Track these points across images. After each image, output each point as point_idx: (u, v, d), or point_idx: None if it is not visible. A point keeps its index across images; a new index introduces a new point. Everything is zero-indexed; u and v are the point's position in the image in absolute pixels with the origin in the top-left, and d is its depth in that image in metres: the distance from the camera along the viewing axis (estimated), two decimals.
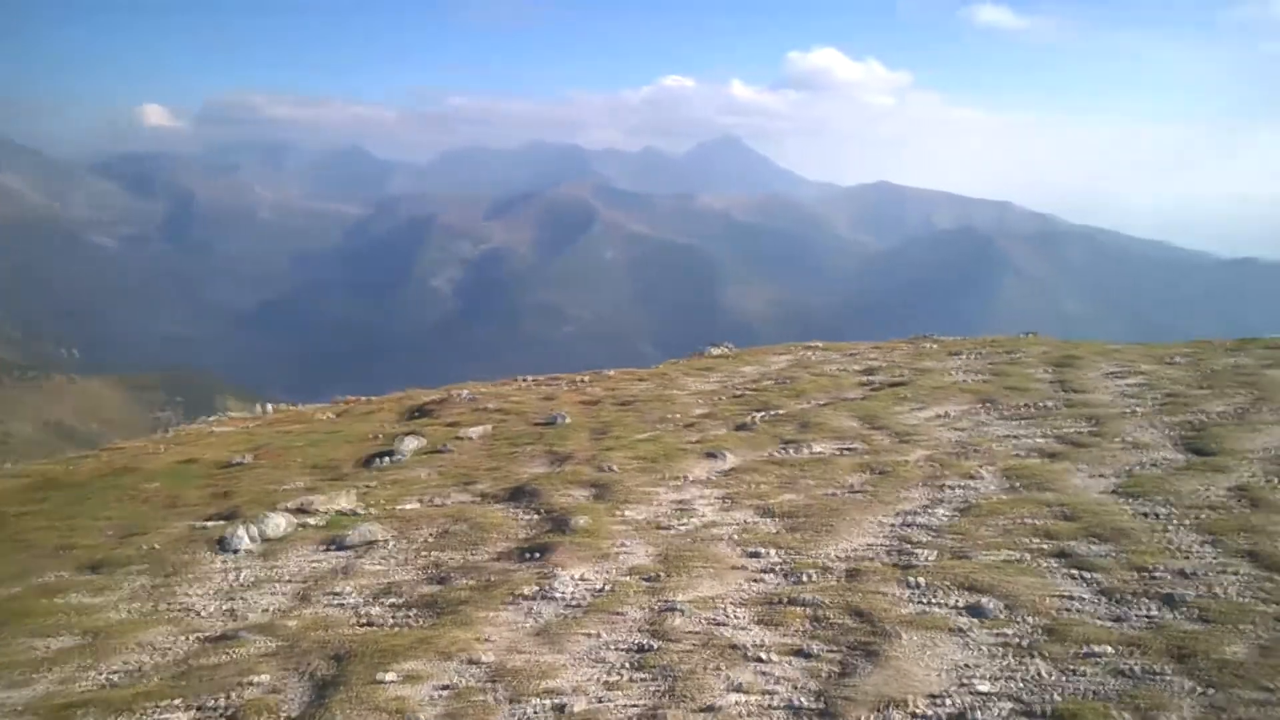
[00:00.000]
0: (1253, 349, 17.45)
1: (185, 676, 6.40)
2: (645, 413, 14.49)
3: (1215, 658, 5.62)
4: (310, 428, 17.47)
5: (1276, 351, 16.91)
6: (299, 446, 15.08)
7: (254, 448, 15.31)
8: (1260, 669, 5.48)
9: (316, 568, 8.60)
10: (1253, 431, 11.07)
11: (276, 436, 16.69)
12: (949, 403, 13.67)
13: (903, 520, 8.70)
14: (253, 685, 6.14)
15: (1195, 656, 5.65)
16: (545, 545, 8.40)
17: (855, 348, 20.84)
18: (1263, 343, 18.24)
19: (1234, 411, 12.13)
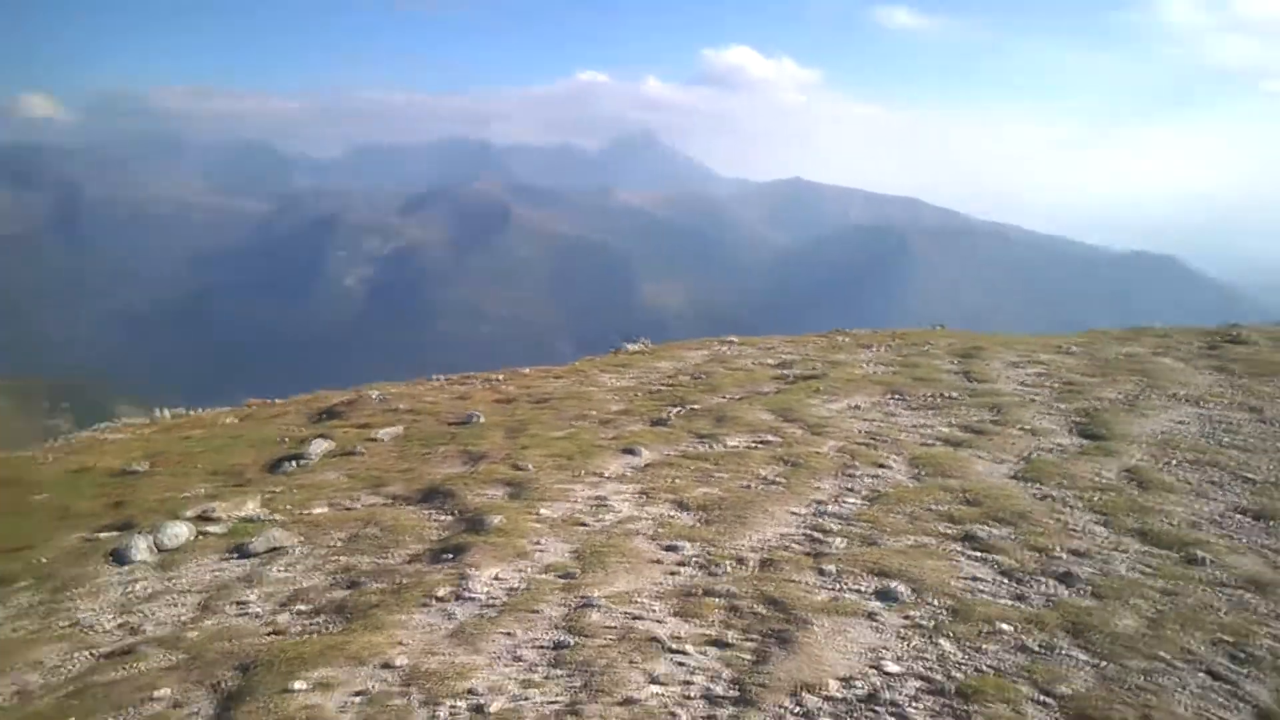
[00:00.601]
0: (1143, 338, 18.48)
1: (80, 695, 6.08)
2: (561, 410, 14.40)
3: (1108, 631, 5.92)
4: (212, 433, 16.75)
5: (1165, 340, 17.95)
6: (200, 452, 14.45)
7: (151, 455, 14.61)
8: (1148, 640, 5.80)
9: (219, 577, 8.25)
10: (1141, 417, 11.74)
11: (175, 443, 15.96)
12: (860, 394, 14.01)
13: (815, 510, 8.87)
14: (153, 701, 5.88)
15: (1089, 631, 5.94)
16: (460, 546, 8.26)
17: (770, 342, 21.16)
18: (1152, 332, 19.33)
19: (1124, 398, 12.85)
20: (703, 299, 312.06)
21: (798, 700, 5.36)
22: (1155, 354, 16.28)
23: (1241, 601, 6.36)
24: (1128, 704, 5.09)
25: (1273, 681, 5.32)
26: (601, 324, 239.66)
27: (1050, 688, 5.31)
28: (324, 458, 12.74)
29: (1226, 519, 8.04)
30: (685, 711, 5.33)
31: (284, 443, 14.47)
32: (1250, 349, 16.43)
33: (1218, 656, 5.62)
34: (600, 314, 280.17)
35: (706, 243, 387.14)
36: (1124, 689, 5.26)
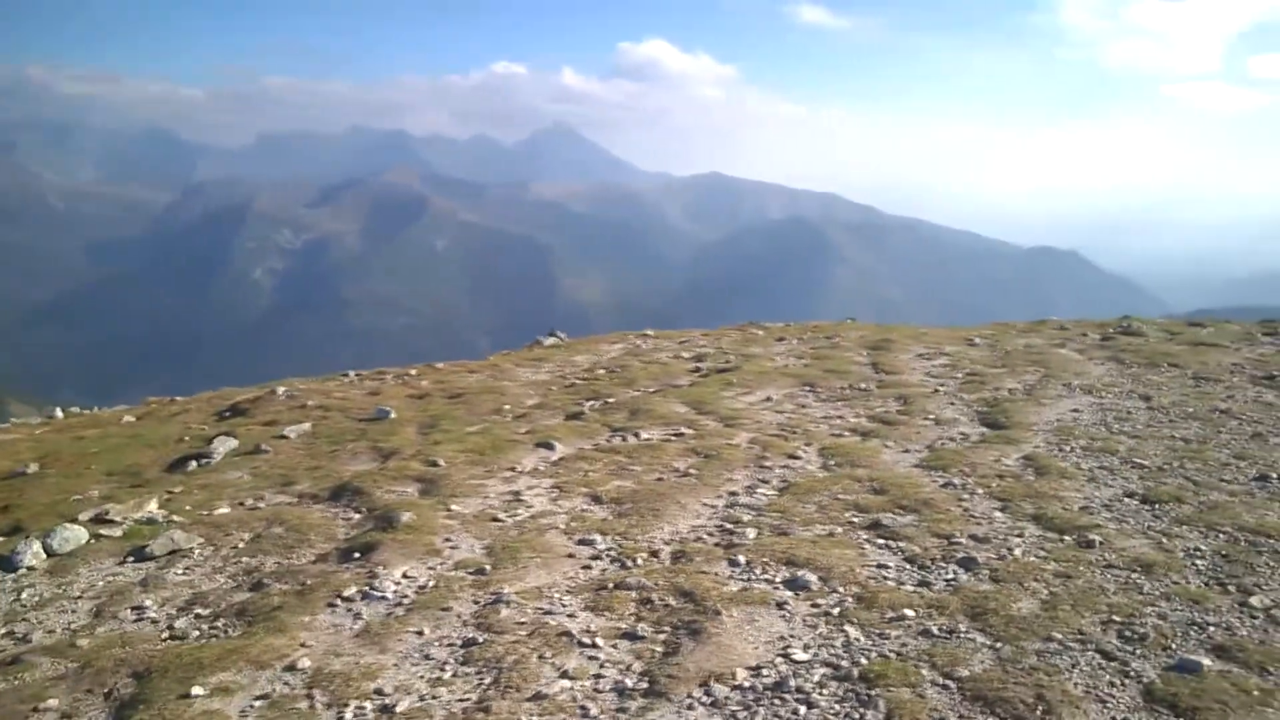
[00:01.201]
0: (1044, 330, 19.30)
1: None
2: (476, 405, 14.18)
3: (1005, 614, 6.12)
4: (109, 432, 15.92)
5: (1064, 332, 18.79)
6: (96, 452, 13.72)
7: (43, 455, 13.81)
8: (1043, 621, 6.03)
9: (115, 581, 7.84)
10: (1040, 405, 12.25)
11: (70, 443, 15.11)
12: (773, 387, 14.21)
13: (728, 501, 8.95)
14: (41, 712, 5.58)
15: (988, 614, 6.13)
16: (369, 544, 8.04)
17: (686, 335, 21.30)
18: (1052, 324, 20.22)
19: (1025, 388, 13.38)
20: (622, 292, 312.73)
21: (707, 690, 5.39)
22: (1054, 345, 17.00)
23: (1130, 582, 6.66)
24: (1023, 684, 5.27)
25: (1158, 659, 5.58)
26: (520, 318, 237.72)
27: (951, 670, 5.47)
28: (228, 456, 12.27)
29: (1118, 503, 8.39)
30: (595, 705, 5.31)
31: (186, 441, 13.89)
32: (1142, 340, 17.31)
33: (1108, 636, 5.86)
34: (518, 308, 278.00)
35: (626, 236, 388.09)
36: (1020, 670, 5.44)
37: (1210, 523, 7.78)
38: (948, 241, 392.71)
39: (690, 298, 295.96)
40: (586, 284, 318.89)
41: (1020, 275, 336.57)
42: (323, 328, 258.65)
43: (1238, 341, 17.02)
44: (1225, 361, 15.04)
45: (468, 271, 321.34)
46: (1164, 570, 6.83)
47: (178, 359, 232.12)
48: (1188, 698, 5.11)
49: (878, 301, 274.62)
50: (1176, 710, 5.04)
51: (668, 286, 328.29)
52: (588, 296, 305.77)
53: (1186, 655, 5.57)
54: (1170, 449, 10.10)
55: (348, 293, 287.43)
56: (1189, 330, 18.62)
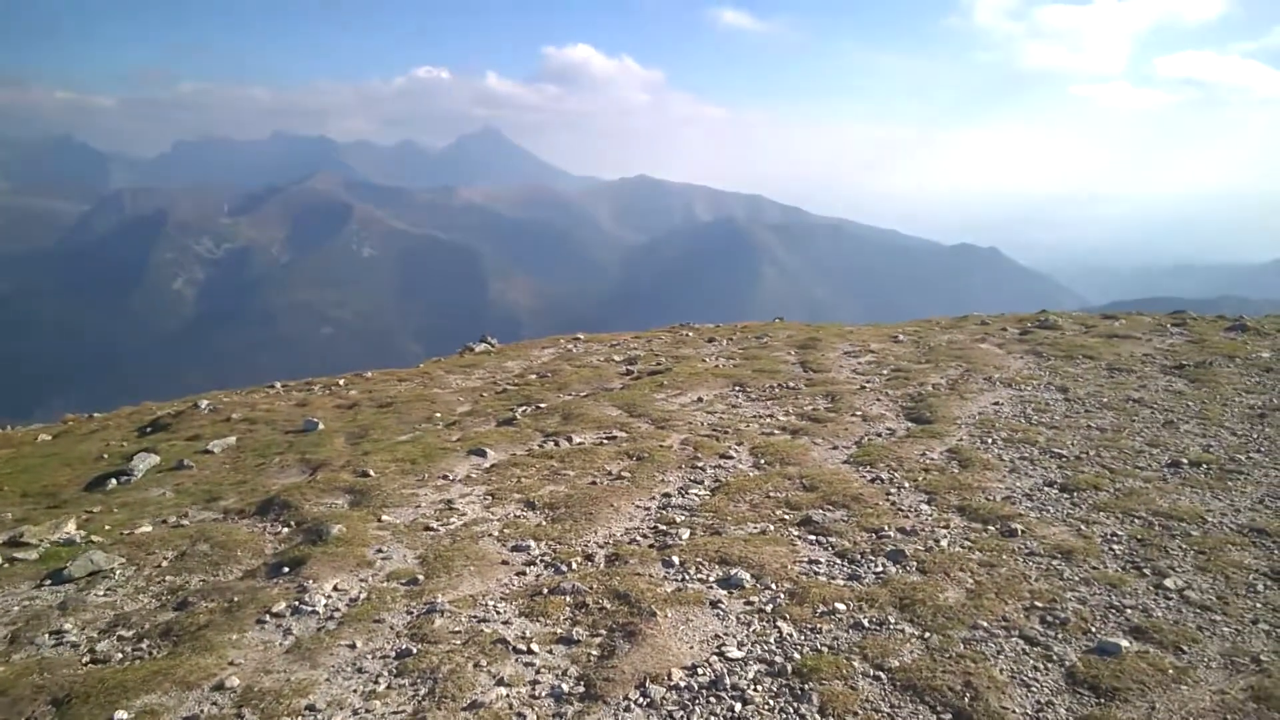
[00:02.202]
0: (966, 325, 19.84)
1: None
2: (406, 414, 13.97)
3: (933, 604, 6.29)
4: (22, 452, 15.24)
5: (985, 327, 19.34)
6: (8, 474, 13.14)
7: None
8: (969, 610, 6.22)
9: (31, 606, 7.50)
10: (963, 400, 12.59)
11: None
12: (704, 388, 14.32)
13: (661, 503, 8.99)
14: None
15: (917, 605, 6.30)
16: (298, 558, 7.85)
17: (618, 338, 21.33)
18: (974, 319, 20.80)
19: (948, 383, 13.75)
20: (553, 296, 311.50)
21: (643, 691, 5.42)
22: (976, 340, 17.51)
23: (1051, 569, 6.91)
24: (951, 672, 5.42)
25: (1079, 643, 5.80)
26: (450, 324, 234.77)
27: (882, 661, 5.60)
28: (150, 473, 11.86)
29: (1038, 493, 8.70)
30: (532, 711, 5.30)
31: (105, 459, 13.40)
32: (1058, 334, 17.96)
33: (1031, 622, 6.07)
34: (448, 314, 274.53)
35: (555, 240, 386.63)
36: (948, 658, 5.60)
37: (1126, 509, 8.12)
38: (872, 240, 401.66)
39: (621, 300, 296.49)
40: (517, 288, 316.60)
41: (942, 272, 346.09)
42: (248, 338, 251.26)
43: (1149, 333, 17.79)
44: (1138, 352, 15.70)
45: (396, 278, 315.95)
46: (1083, 556, 7.10)
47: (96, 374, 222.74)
48: (1108, 679, 5.33)
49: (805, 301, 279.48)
50: (1098, 691, 5.25)
51: (598, 289, 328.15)
52: (518, 301, 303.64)
53: (1106, 638, 5.80)
54: (1087, 438, 10.51)
55: (273, 302, 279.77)
56: (1103, 323, 19.38)
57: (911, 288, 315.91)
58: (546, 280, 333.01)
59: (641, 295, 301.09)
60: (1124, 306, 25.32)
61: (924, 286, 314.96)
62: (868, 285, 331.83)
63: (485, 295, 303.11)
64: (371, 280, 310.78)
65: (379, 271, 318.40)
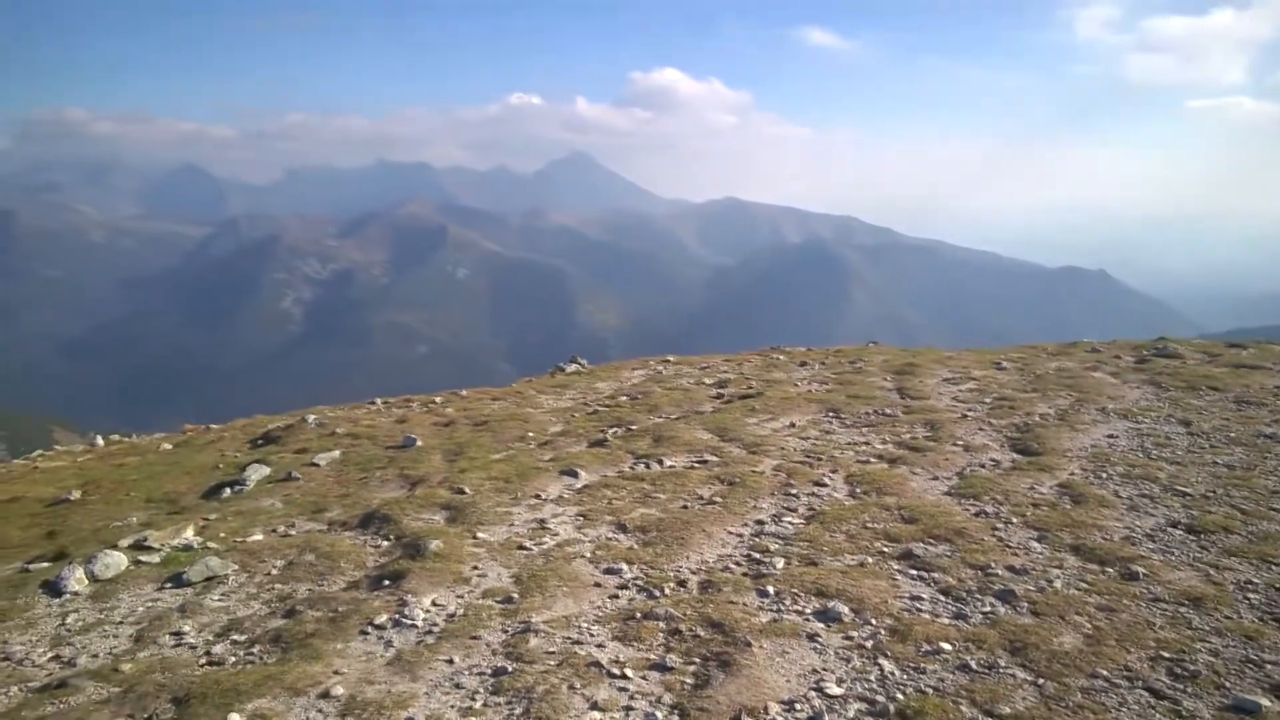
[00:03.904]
0: (1075, 352, 18.97)
1: None
2: (500, 432, 14.16)
3: (1047, 649, 5.95)
4: (147, 460, 16.17)
5: (1096, 355, 18.45)
6: (134, 480, 13.95)
7: (85, 482, 14.06)
8: (1088, 657, 5.85)
9: (154, 607, 7.88)
10: (1074, 431, 11.98)
11: (110, 470, 15.37)
12: (797, 412, 14.07)
13: (755, 530, 8.81)
14: None
15: (1029, 649, 5.96)
16: (398, 572, 8.00)
17: (707, 361, 21.22)
18: (1084, 346, 19.88)
19: (1058, 413, 13.12)
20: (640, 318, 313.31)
21: None
22: (1087, 368, 16.72)
23: (1179, 617, 6.44)
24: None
25: (1212, 699, 5.38)
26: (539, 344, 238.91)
27: (992, 707, 5.31)
28: (261, 484, 12.36)
29: (1162, 534, 8.14)
30: None
31: (220, 469, 14.06)
32: (1179, 363, 16.98)
33: (1157, 673, 5.67)
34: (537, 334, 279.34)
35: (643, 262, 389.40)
36: (1065, 708, 5.27)
37: (1262, 554, 7.52)
38: (968, 262, 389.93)
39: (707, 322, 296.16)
40: (604, 309, 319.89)
41: (1044, 296, 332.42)
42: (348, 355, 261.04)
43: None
44: (1269, 384, 14.69)
45: (488, 299, 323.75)
46: (1215, 604, 6.61)
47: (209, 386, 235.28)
48: None
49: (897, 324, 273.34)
50: None
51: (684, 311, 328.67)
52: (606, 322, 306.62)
53: (1243, 695, 5.36)
54: (1214, 476, 9.83)
55: (372, 321, 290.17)
56: (1229, 352, 18.23)
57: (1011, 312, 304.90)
58: (633, 302, 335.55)
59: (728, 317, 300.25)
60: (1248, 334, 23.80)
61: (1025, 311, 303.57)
62: (964, 309, 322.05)
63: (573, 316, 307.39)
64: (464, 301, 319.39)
65: (472, 292, 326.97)
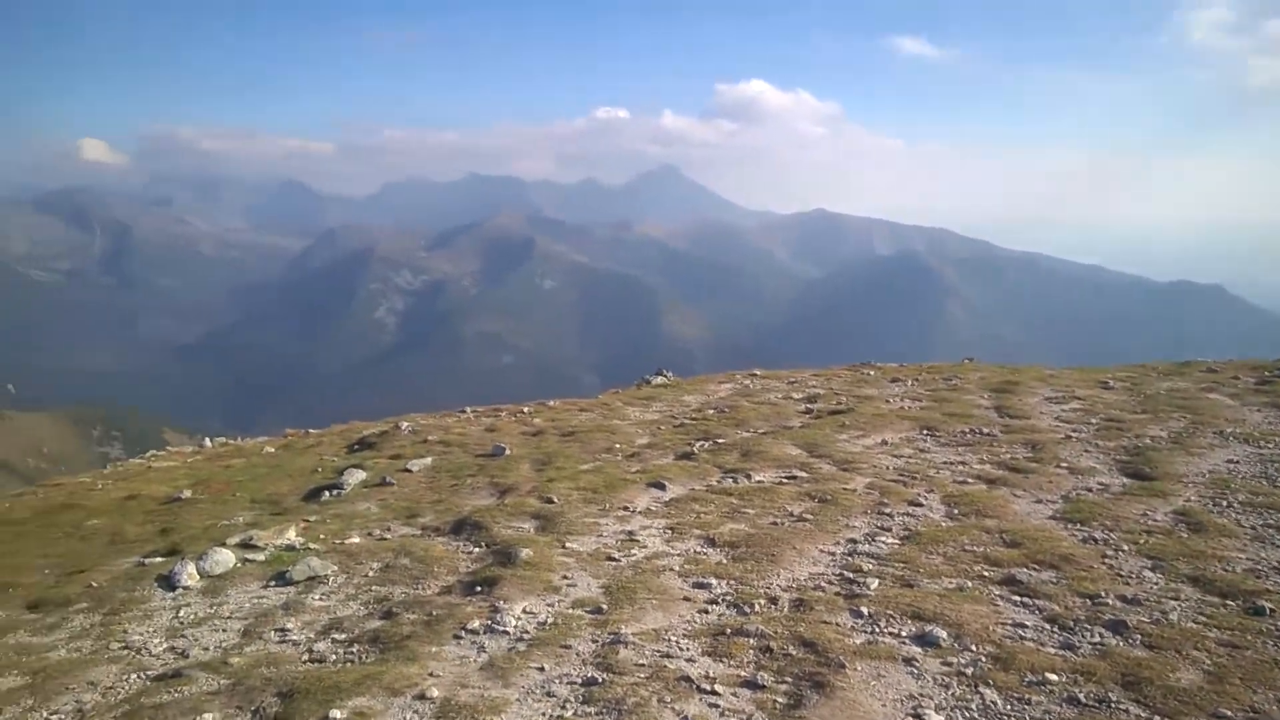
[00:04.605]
0: (1190, 372, 17.93)
1: (131, 716, 6.12)
2: (588, 443, 14.27)
3: (1165, 684, 5.62)
4: (252, 461, 16.98)
5: (1213, 375, 17.39)
6: (241, 481, 14.69)
7: (195, 482, 14.88)
8: (1210, 695, 5.50)
9: (261, 604, 8.25)
10: (1190, 455, 11.31)
11: (218, 471, 16.21)
12: (890, 430, 13.74)
13: (847, 549, 8.62)
14: None
15: (1145, 684, 5.65)
16: (490, 578, 8.14)
17: (796, 375, 20.95)
18: (1199, 366, 18.77)
19: (1172, 436, 12.39)
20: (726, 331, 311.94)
21: None
22: (1203, 389, 15.78)
23: None
24: None
25: None
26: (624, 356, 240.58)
27: None
28: (358, 488, 12.78)
29: None
30: None
31: (319, 473, 14.60)
32: None
33: None
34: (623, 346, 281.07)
35: (730, 275, 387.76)
36: None
37: None
38: (1070, 276, 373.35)
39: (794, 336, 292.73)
40: (689, 322, 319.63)
41: (1154, 313, 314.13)
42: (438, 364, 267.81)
43: None
44: None
45: (574, 310, 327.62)
46: None
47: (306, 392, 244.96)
48: None
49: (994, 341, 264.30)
50: None
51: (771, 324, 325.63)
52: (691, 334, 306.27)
53: None
54: None
55: (461, 331, 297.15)
56: None
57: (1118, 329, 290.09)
58: (719, 314, 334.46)
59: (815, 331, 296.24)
60: None
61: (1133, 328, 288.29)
62: (1065, 325, 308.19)
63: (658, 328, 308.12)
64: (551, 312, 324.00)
65: (558, 304, 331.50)
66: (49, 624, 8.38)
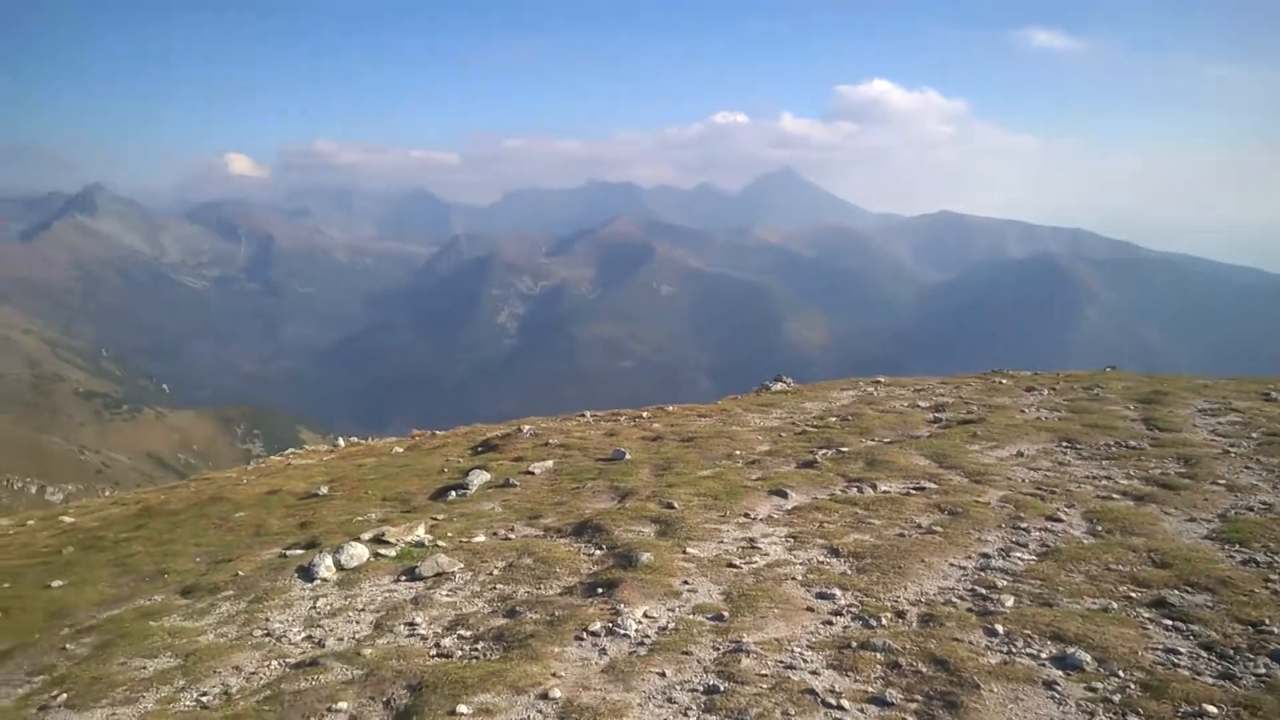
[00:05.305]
0: None
1: (272, 701, 6.49)
2: (708, 449, 14.25)
3: None
4: (382, 461, 17.76)
5: None
6: (372, 479, 15.38)
7: (331, 480, 15.66)
8: None
9: (391, 598, 8.61)
10: None
11: (351, 469, 17.02)
12: (1025, 441, 13.14)
13: (979, 564, 8.29)
14: (335, 712, 6.22)
15: None
16: (611, 581, 8.22)
17: (923, 383, 20.31)
18: None
19: None
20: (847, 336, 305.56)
21: None
22: None
23: None
24: None
25: None
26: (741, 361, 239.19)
27: None
28: (482, 488, 13.17)
29: None
30: None
31: (445, 473, 15.10)
32: None
33: None
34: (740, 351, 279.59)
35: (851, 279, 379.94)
36: None
37: None
38: (1222, 278, 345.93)
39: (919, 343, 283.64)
40: (809, 327, 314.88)
41: None
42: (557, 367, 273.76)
43: None
44: None
45: (691, 315, 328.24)
46: None
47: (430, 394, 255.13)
48: None
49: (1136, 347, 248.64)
50: None
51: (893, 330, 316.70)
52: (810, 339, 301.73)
53: None
54: None
55: (579, 335, 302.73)
56: None
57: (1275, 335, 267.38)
58: (839, 319, 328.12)
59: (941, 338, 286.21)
60: None
61: None
62: (1217, 331, 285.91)
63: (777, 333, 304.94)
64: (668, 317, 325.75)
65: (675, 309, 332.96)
66: (199, 609, 9.00)
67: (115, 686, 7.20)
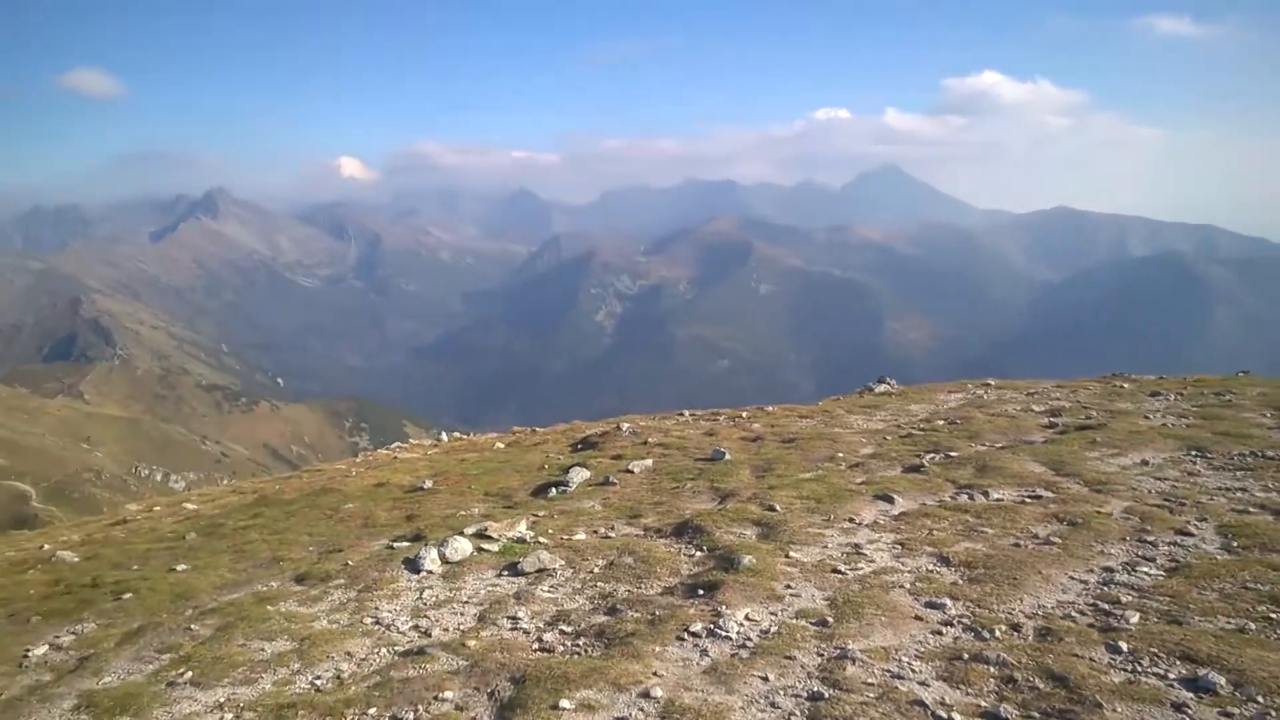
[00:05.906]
0: None
1: (381, 687, 6.71)
2: (809, 451, 14.05)
3: None
4: (484, 456, 18.17)
5: None
6: (475, 474, 15.76)
7: (435, 474, 16.13)
8: None
9: (494, 591, 8.80)
10: None
11: (454, 464, 17.48)
12: (1150, 449, 12.46)
13: (1101, 578, 7.89)
14: (441, 700, 6.40)
15: None
16: (712, 582, 8.20)
17: (1036, 386, 19.50)
18: None
19: None
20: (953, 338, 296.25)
21: None
22: None
23: None
24: None
25: None
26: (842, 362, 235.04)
27: None
28: (582, 486, 13.33)
29: None
30: None
31: (545, 469, 15.34)
32: None
33: None
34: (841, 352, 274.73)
35: (957, 278, 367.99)
36: None
37: None
38: None
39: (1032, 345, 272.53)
40: (912, 327, 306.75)
41: None
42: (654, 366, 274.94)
43: None
44: None
45: (790, 314, 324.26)
46: None
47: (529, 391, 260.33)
48: None
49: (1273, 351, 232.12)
50: None
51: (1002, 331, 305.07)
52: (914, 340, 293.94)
53: None
54: None
55: (677, 334, 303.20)
56: None
57: None
58: (946, 320, 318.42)
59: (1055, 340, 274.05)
60: None
61: None
62: None
63: (879, 334, 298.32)
64: (766, 316, 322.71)
65: (774, 308, 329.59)
66: (313, 595, 9.39)
67: (235, 667, 7.57)
